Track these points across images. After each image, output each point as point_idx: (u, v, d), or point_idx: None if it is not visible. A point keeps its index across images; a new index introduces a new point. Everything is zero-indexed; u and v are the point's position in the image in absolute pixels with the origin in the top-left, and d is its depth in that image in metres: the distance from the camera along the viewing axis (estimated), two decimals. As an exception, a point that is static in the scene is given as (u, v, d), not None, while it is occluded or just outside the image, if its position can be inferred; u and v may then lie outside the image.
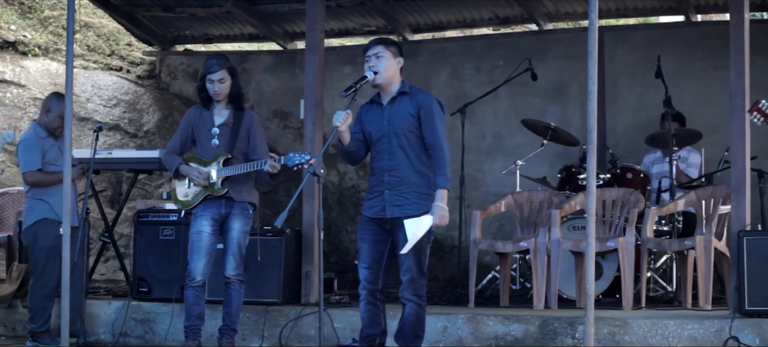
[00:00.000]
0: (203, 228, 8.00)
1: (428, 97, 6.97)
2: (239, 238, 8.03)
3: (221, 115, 8.12)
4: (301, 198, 8.76)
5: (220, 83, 8.01)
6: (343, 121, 6.78)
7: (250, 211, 8.12)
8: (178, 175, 8.17)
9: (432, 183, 6.85)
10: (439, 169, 6.83)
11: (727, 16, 9.24)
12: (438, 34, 13.28)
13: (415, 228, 6.74)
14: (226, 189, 7.99)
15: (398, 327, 6.97)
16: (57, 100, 8.82)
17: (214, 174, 8.00)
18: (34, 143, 8.83)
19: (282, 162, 7.73)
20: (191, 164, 8.10)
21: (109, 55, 13.87)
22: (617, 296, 9.42)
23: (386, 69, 6.93)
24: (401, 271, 6.88)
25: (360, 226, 7.10)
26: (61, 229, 7.58)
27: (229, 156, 8.02)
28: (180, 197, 8.17)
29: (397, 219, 6.84)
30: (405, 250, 6.76)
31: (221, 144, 8.05)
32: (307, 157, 7.52)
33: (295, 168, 7.58)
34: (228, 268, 8.02)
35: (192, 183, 8.08)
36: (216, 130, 8.08)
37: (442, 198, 6.79)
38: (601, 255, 9.36)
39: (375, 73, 6.90)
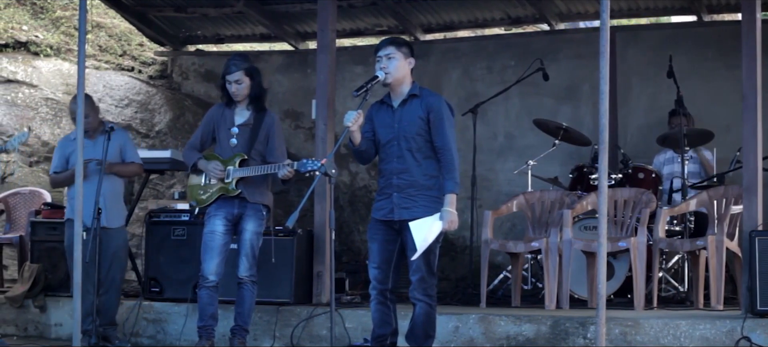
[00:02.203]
0: (216, 227, 8.01)
1: (438, 100, 6.95)
2: (252, 239, 8.04)
3: (242, 115, 8.14)
4: (312, 198, 8.78)
5: (237, 84, 8.03)
6: (354, 121, 6.77)
7: (264, 213, 8.11)
8: (196, 170, 8.19)
9: (441, 186, 6.84)
10: (447, 173, 6.81)
11: (739, 16, 9.22)
12: (449, 34, 13.27)
13: (425, 233, 6.72)
14: (240, 190, 8.00)
15: (409, 327, 6.97)
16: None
17: (230, 174, 8.01)
18: (59, 145, 9.04)
19: (295, 168, 7.72)
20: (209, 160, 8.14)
21: (120, 55, 13.89)
22: (629, 296, 9.41)
23: (397, 69, 6.92)
24: (410, 271, 6.86)
25: (369, 227, 7.09)
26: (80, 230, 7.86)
27: (246, 157, 8.03)
28: (196, 194, 8.19)
29: (405, 222, 6.82)
30: (415, 257, 6.76)
31: (239, 144, 8.06)
32: (319, 164, 7.54)
33: (307, 174, 7.58)
34: (241, 269, 8.03)
35: (209, 180, 8.10)
36: (235, 130, 8.10)
37: (451, 203, 6.77)
38: (612, 255, 9.35)
39: (386, 73, 6.90)
